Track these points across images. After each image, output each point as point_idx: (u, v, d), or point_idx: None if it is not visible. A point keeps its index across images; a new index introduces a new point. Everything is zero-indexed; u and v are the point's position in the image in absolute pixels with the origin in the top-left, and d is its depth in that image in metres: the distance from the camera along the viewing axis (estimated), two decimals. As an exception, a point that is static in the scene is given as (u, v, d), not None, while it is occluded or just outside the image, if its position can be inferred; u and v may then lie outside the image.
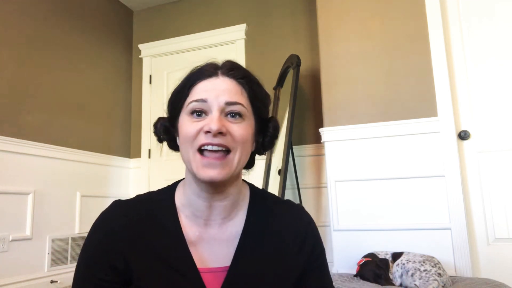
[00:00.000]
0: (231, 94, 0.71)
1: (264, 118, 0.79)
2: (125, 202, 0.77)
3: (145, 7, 3.90)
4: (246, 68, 0.80)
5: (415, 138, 2.32)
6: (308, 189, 2.99)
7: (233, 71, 0.74)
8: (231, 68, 0.75)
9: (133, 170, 3.66)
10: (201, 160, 0.69)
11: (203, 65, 0.77)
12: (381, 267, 2.00)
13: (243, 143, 0.71)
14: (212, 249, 0.74)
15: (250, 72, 0.79)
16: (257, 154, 0.84)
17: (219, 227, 0.76)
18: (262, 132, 0.80)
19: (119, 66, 3.72)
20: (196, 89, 0.73)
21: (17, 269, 2.52)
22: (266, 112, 0.81)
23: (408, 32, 2.42)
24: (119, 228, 0.73)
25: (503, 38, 2.33)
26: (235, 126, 0.70)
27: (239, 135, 0.70)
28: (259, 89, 0.78)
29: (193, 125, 0.70)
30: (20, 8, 2.76)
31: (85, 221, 3.07)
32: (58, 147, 2.92)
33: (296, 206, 0.83)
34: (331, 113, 2.52)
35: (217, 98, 0.70)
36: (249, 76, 0.77)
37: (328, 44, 2.60)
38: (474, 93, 2.35)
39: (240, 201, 0.78)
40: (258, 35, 3.42)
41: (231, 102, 0.70)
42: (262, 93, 0.79)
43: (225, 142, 0.69)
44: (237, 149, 0.70)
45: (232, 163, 0.70)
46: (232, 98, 0.71)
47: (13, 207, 2.54)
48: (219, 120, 0.68)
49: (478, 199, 2.25)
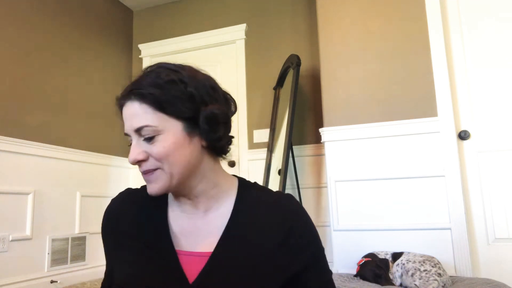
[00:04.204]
0: (136, 119, 0.72)
1: (189, 115, 0.72)
2: (130, 190, 0.88)
3: (145, 7, 3.90)
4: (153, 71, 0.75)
5: (415, 138, 2.32)
6: (308, 189, 2.99)
7: (132, 91, 0.73)
8: (132, 89, 0.73)
9: (133, 170, 3.66)
10: (144, 177, 0.76)
11: (122, 91, 0.78)
12: (381, 267, 2.00)
13: (165, 158, 0.71)
14: (197, 237, 0.77)
15: (158, 75, 0.73)
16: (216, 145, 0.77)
17: (203, 219, 0.78)
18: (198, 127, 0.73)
19: (119, 66, 3.72)
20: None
21: (17, 269, 2.52)
22: (190, 106, 0.72)
23: (408, 32, 2.43)
24: (114, 211, 0.84)
25: (503, 38, 2.33)
26: (151, 146, 0.71)
27: (157, 154, 0.71)
28: (167, 91, 0.71)
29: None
30: (20, 8, 2.76)
31: (85, 221, 3.07)
32: (58, 147, 2.92)
33: (284, 196, 0.83)
34: (331, 113, 2.52)
35: (129, 128, 0.73)
36: (149, 86, 0.71)
37: (328, 44, 2.60)
38: (474, 93, 2.35)
39: (220, 193, 0.80)
40: (258, 35, 3.42)
41: (137, 128, 0.72)
42: (174, 91, 0.71)
43: (148, 166, 0.73)
44: (163, 165, 0.72)
45: (164, 178, 0.73)
46: (136, 123, 0.71)
47: (13, 207, 2.54)
48: (135, 150, 0.72)
49: (478, 199, 2.25)
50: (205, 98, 0.73)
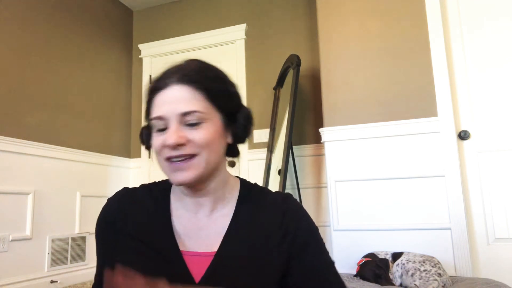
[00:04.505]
0: (184, 103, 0.71)
1: (231, 110, 0.78)
2: (128, 189, 0.85)
3: (145, 7, 3.90)
4: (203, 63, 0.79)
5: (415, 138, 2.32)
6: (308, 189, 2.99)
7: (186, 77, 0.73)
8: (184, 74, 0.74)
9: (133, 170, 3.66)
10: (169, 166, 0.73)
11: (160, 74, 0.77)
12: (381, 267, 2.00)
13: (207, 146, 0.72)
14: (201, 237, 0.78)
15: (208, 68, 0.78)
16: (238, 143, 0.83)
17: (207, 219, 0.79)
18: (234, 123, 0.79)
19: (119, 66, 3.72)
20: (154, 104, 0.75)
21: (17, 269, 2.52)
22: (233, 103, 0.79)
23: (408, 32, 2.43)
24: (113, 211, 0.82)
25: (503, 38, 2.33)
26: (195, 132, 0.72)
27: (200, 140, 0.72)
28: (218, 85, 0.76)
29: (157, 140, 0.74)
30: (20, 8, 2.76)
31: (85, 221, 3.07)
32: (58, 147, 2.92)
33: (283, 195, 0.84)
34: (331, 113, 2.52)
35: (172, 111, 0.72)
36: (205, 75, 0.75)
37: (328, 44, 2.60)
38: (474, 93, 2.35)
39: (226, 194, 0.81)
40: (258, 35, 3.42)
41: (186, 112, 0.71)
42: (223, 86, 0.77)
43: (186, 151, 0.71)
44: (202, 152, 0.72)
45: (199, 165, 0.73)
46: (186, 107, 0.71)
47: (13, 207, 2.54)
48: (176, 133, 0.71)
49: (478, 199, 2.25)
50: (240, 100, 0.82)
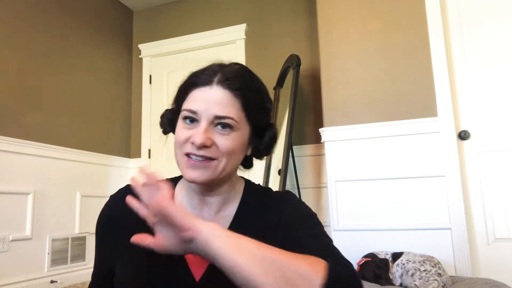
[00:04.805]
0: (221, 107, 0.71)
1: (261, 124, 0.79)
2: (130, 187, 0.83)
3: (145, 7, 3.90)
4: (248, 72, 0.78)
5: (415, 138, 2.32)
6: (308, 189, 2.99)
7: (229, 81, 0.73)
8: (227, 77, 0.74)
9: (133, 170, 3.66)
10: (186, 162, 0.73)
11: (204, 68, 0.77)
12: (381, 267, 2.00)
13: (229, 154, 0.73)
14: None
15: (251, 79, 0.77)
16: (255, 158, 0.84)
17: (211, 219, 0.79)
18: (259, 138, 0.80)
19: (119, 66, 3.72)
20: (191, 96, 0.74)
21: (17, 269, 2.52)
22: (264, 119, 0.80)
23: (408, 32, 2.42)
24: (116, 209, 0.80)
25: (503, 38, 2.33)
26: (223, 138, 0.72)
27: (225, 147, 0.72)
28: (257, 97, 0.77)
29: (183, 132, 0.73)
30: (20, 8, 2.76)
31: (85, 221, 3.07)
32: (58, 147, 2.92)
33: (283, 193, 0.85)
34: (331, 113, 2.52)
35: (207, 111, 0.71)
36: (247, 85, 0.75)
37: (328, 44, 2.60)
38: (474, 93, 2.35)
39: (232, 196, 0.81)
40: (258, 35, 3.42)
41: (220, 116, 0.71)
42: (261, 101, 0.78)
43: (208, 154, 0.71)
44: (222, 158, 0.72)
45: (216, 169, 0.73)
46: (222, 111, 0.71)
47: (13, 207, 2.54)
48: (204, 133, 0.70)
49: (478, 199, 2.25)
50: (271, 118, 0.82)
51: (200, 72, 0.77)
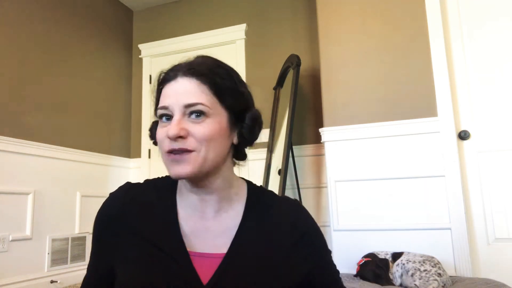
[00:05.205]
0: (189, 95, 0.71)
1: (239, 109, 0.77)
2: (131, 185, 0.83)
3: (145, 7, 3.90)
4: (213, 59, 0.79)
5: (415, 138, 2.32)
6: (308, 189, 2.99)
7: (193, 69, 0.74)
8: (190, 67, 0.75)
9: (133, 170, 3.66)
10: (168, 158, 0.72)
11: (169, 67, 0.78)
12: (381, 267, 2.00)
13: (207, 142, 0.71)
14: (208, 238, 0.77)
15: (218, 65, 0.78)
16: (246, 146, 0.83)
17: (214, 220, 0.78)
18: (240, 123, 0.79)
19: (119, 66, 3.72)
20: (162, 94, 0.75)
21: (17, 269, 2.52)
22: (241, 103, 0.78)
23: (408, 32, 2.43)
24: (116, 207, 0.79)
25: (503, 38, 2.33)
26: (197, 126, 0.71)
27: (201, 135, 0.71)
28: (227, 81, 0.76)
29: (160, 131, 0.73)
30: (20, 8, 2.76)
31: (85, 221, 3.07)
32: (58, 147, 2.92)
33: (293, 201, 0.85)
34: (331, 113, 2.52)
35: (177, 102, 0.71)
36: (213, 71, 0.75)
37: (328, 44, 2.60)
38: (474, 93, 2.35)
39: (232, 195, 0.80)
40: (258, 35, 3.42)
41: (189, 104, 0.71)
42: (232, 84, 0.77)
43: (186, 145, 0.70)
44: (200, 148, 0.71)
45: (196, 161, 0.71)
46: (190, 99, 0.71)
47: (13, 207, 2.54)
48: (177, 125, 0.70)
49: (478, 199, 2.25)
50: (250, 101, 0.81)
51: (166, 70, 0.78)
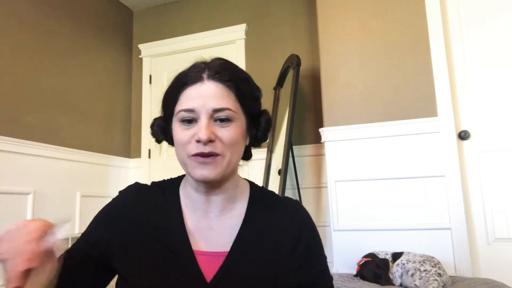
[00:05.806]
0: (218, 100, 0.72)
1: (255, 113, 0.80)
2: (140, 186, 0.85)
3: (145, 7, 3.90)
4: (232, 64, 0.80)
5: (415, 138, 2.32)
6: (308, 189, 2.99)
7: (219, 74, 0.74)
8: (217, 71, 0.75)
9: (133, 170, 3.66)
10: (194, 161, 0.72)
11: (189, 68, 0.78)
12: (381, 267, 2.00)
13: (233, 146, 0.73)
14: (211, 237, 0.78)
15: (237, 70, 0.79)
16: (253, 147, 0.85)
17: (218, 219, 0.79)
18: (255, 126, 0.81)
19: (119, 66, 3.72)
20: (184, 96, 0.74)
21: (17, 269, 2.52)
22: (257, 107, 0.81)
23: (408, 32, 2.42)
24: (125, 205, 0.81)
25: (503, 38, 2.33)
26: (224, 130, 0.72)
27: (229, 139, 0.72)
28: (247, 87, 0.78)
29: (184, 133, 0.73)
30: (20, 8, 2.76)
31: (85, 221, 3.07)
32: (58, 147, 2.92)
33: (294, 202, 0.87)
34: (331, 113, 2.52)
35: (204, 106, 0.72)
36: (236, 76, 0.77)
37: (328, 44, 2.60)
38: (474, 93, 2.35)
39: (237, 195, 0.82)
40: (258, 35, 3.42)
41: (218, 108, 0.72)
42: (251, 89, 0.79)
43: (214, 149, 0.71)
44: (226, 153, 0.73)
45: (222, 165, 0.73)
46: (219, 104, 0.72)
47: (13, 207, 2.54)
48: (208, 128, 0.70)
49: (478, 199, 2.25)
50: (261, 104, 0.84)
51: (187, 72, 0.77)
